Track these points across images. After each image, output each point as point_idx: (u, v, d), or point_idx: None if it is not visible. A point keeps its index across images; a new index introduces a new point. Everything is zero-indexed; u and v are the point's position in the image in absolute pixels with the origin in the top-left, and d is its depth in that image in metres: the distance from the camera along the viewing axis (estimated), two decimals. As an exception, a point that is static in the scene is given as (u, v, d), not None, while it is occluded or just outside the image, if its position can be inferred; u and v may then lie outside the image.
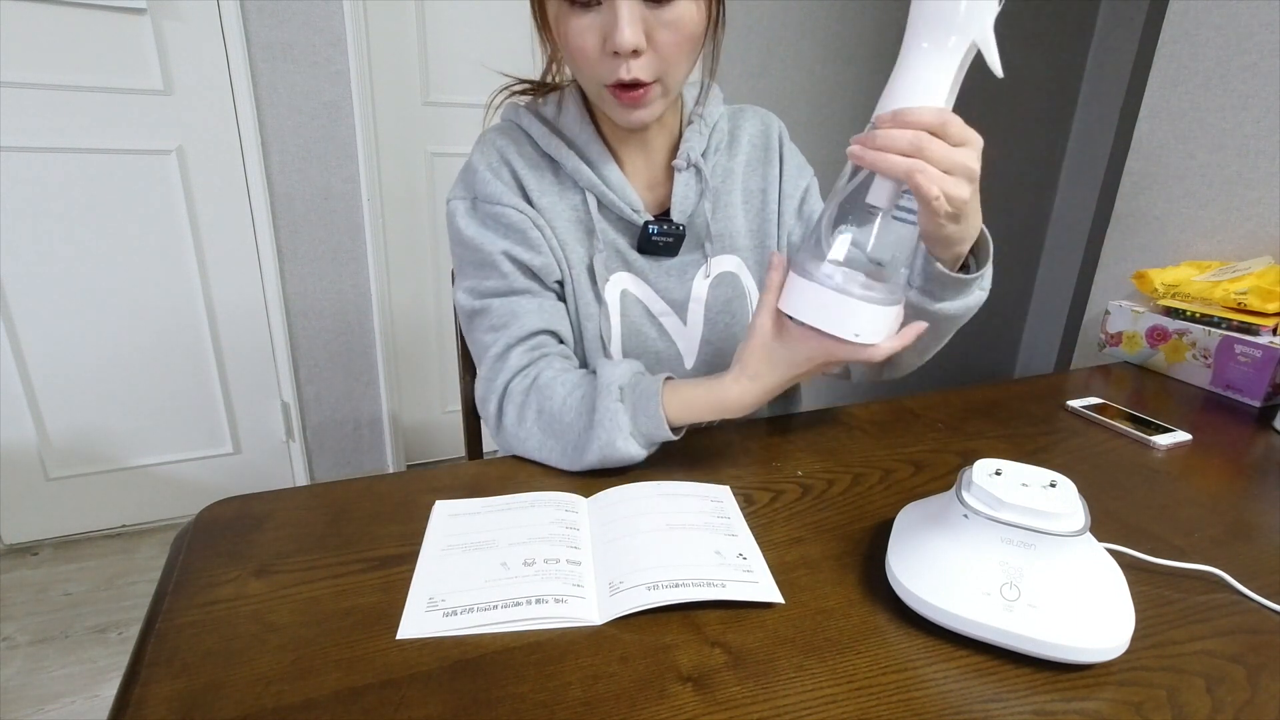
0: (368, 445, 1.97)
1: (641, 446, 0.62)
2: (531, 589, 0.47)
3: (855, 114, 2.34)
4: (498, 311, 0.69)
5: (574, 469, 0.63)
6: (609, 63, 0.60)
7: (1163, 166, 1.24)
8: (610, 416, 0.61)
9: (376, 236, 1.80)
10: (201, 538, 0.53)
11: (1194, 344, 0.97)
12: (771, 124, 0.81)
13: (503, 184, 0.70)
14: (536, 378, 0.67)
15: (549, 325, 0.70)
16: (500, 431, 0.68)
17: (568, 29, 0.60)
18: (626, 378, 0.64)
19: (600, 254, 0.71)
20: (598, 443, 0.61)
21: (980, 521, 0.45)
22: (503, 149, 0.71)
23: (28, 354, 1.57)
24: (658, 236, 0.72)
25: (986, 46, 0.47)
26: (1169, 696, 0.41)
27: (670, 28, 0.59)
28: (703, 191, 0.74)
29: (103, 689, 1.31)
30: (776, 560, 0.51)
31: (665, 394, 0.62)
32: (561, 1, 0.59)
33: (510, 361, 0.68)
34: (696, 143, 0.73)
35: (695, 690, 0.40)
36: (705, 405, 0.61)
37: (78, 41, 1.42)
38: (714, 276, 0.76)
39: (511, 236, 0.69)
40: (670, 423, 0.61)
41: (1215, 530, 0.59)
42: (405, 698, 0.39)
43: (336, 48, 1.62)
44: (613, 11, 0.57)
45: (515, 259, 0.69)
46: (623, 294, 0.73)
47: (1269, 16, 1.08)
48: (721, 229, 0.76)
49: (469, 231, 0.70)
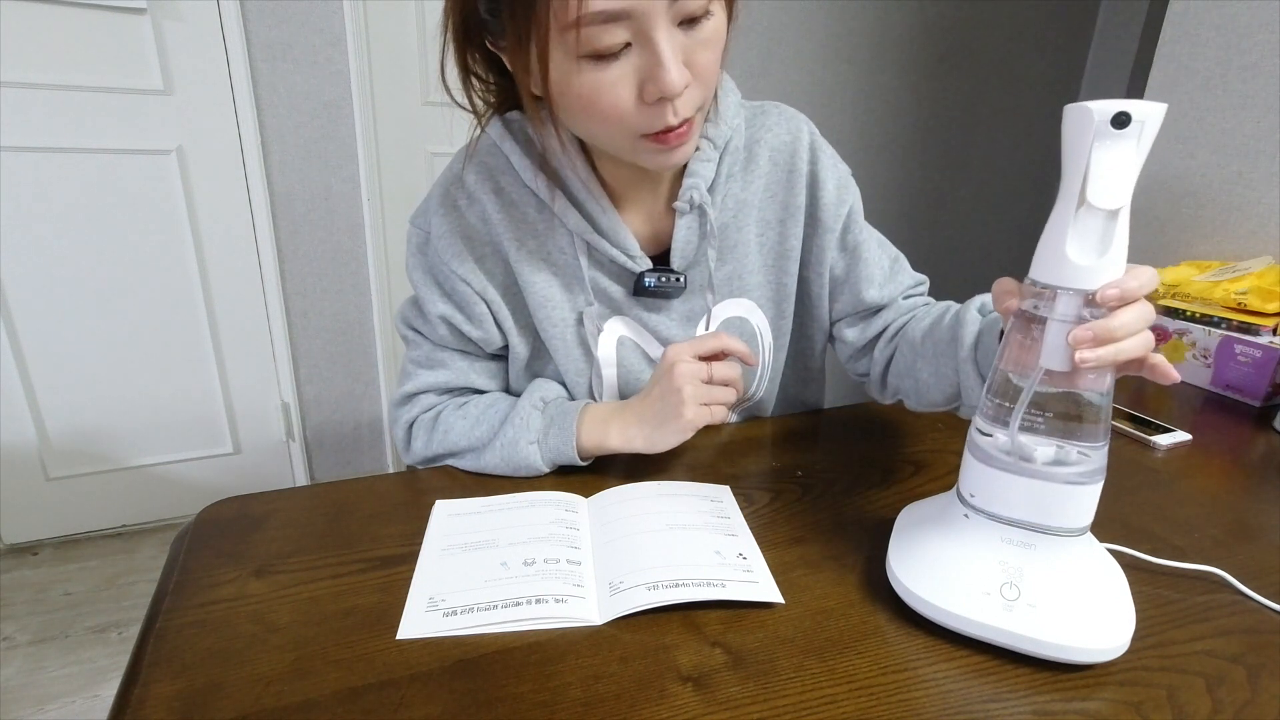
0: (368, 445, 1.97)
1: (541, 457, 0.61)
2: (531, 589, 0.47)
3: (855, 114, 2.34)
4: (427, 352, 0.69)
5: (474, 469, 0.64)
6: (650, 112, 0.51)
7: (1163, 166, 1.24)
8: (523, 418, 0.62)
9: (376, 236, 1.80)
10: (201, 538, 0.53)
11: (1194, 344, 0.97)
12: (800, 135, 0.70)
13: (461, 239, 0.63)
14: (449, 405, 0.67)
15: (473, 384, 0.69)
16: (409, 454, 0.69)
17: (589, 88, 0.50)
18: (552, 394, 0.65)
19: (590, 307, 0.66)
20: (501, 440, 0.61)
21: (981, 521, 0.44)
22: (473, 188, 0.63)
23: (28, 354, 1.57)
24: (655, 288, 0.66)
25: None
26: (1169, 696, 0.41)
27: (707, 46, 0.51)
28: (705, 234, 0.66)
29: (103, 689, 1.31)
30: (776, 560, 0.51)
31: (583, 413, 0.62)
32: (578, 60, 0.49)
33: (421, 401, 0.69)
34: (703, 175, 0.64)
35: (695, 690, 0.40)
36: (610, 409, 0.63)
37: (78, 41, 1.42)
38: (721, 323, 0.71)
39: (452, 302, 0.66)
40: (581, 440, 0.61)
41: (1215, 530, 0.59)
42: (405, 698, 0.39)
43: (336, 48, 1.62)
44: (652, 52, 0.48)
45: (452, 325, 0.66)
46: (619, 341, 0.69)
47: (1269, 16, 1.08)
48: (731, 271, 0.69)
49: (415, 274, 0.67)
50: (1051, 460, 0.42)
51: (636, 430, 0.61)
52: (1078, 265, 0.39)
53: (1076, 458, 0.42)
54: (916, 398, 0.67)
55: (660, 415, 0.61)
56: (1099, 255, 0.39)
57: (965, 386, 0.60)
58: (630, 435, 0.61)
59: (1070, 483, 0.42)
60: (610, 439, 0.62)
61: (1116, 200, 0.38)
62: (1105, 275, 0.39)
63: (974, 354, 0.58)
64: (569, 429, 0.61)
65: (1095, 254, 0.39)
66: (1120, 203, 0.38)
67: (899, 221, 2.57)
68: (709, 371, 0.61)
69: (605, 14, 0.46)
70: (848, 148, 2.33)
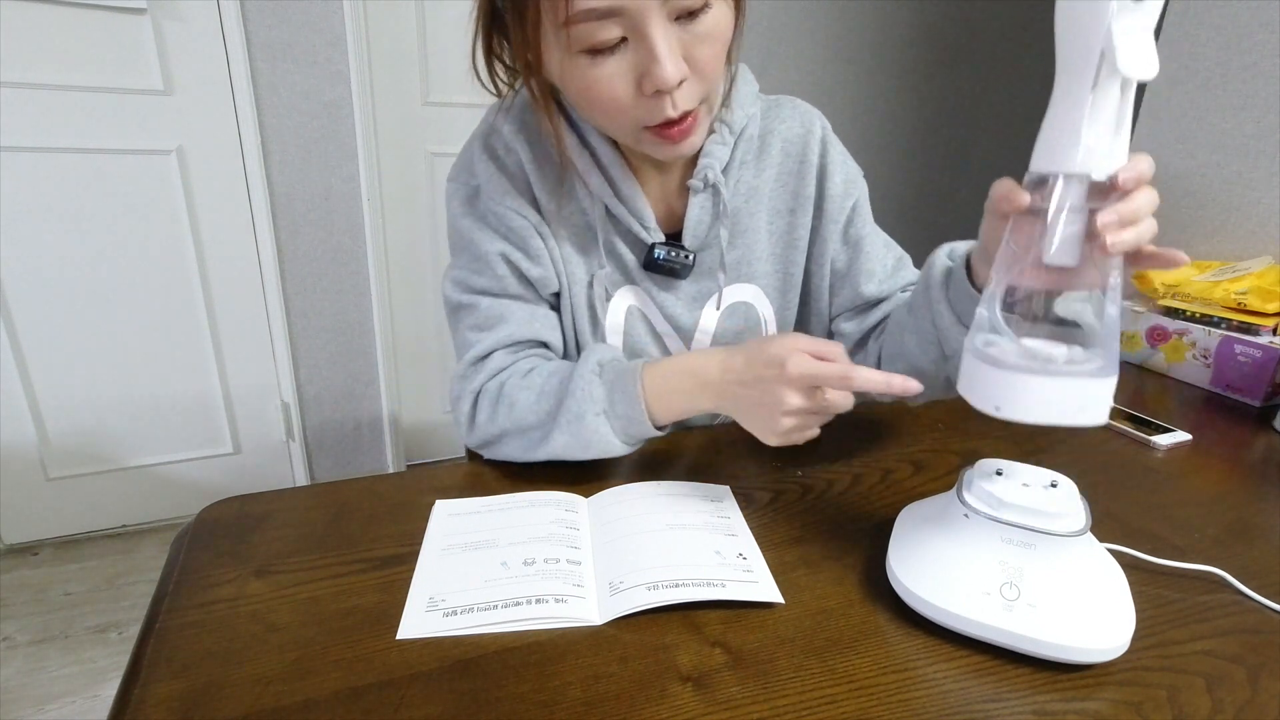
0: (368, 445, 1.97)
1: (611, 428, 0.57)
2: (531, 589, 0.47)
3: (855, 114, 2.34)
4: (485, 311, 0.65)
5: (542, 456, 0.60)
6: (648, 104, 0.52)
7: (1163, 166, 1.24)
8: (583, 388, 0.57)
9: (376, 236, 1.80)
10: (201, 538, 0.53)
11: (1194, 344, 0.97)
12: (812, 127, 0.71)
13: (507, 179, 0.64)
14: (514, 373, 0.63)
15: (539, 335, 0.66)
16: (472, 431, 0.64)
17: (589, 82, 0.51)
18: (607, 356, 0.60)
19: (603, 270, 0.66)
20: (565, 415, 0.57)
21: (981, 521, 0.45)
22: (509, 138, 0.64)
23: (28, 354, 1.57)
24: (665, 261, 0.66)
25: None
26: (1169, 696, 0.41)
27: (707, 41, 0.51)
28: (718, 214, 0.67)
29: (103, 689, 1.31)
30: (776, 560, 0.51)
31: (644, 372, 0.58)
32: (574, 55, 0.50)
33: (491, 364, 0.64)
34: (718, 156, 0.65)
35: (695, 690, 0.40)
36: (683, 372, 0.58)
37: (78, 41, 1.42)
38: (726, 307, 0.71)
39: (511, 239, 0.64)
40: (648, 396, 0.56)
41: (1215, 530, 0.59)
42: (405, 698, 0.39)
43: (336, 48, 1.62)
44: (647, 47, 0.49)
45: (512, 263, 0.64)
46: (628, 311, 0.69)
47: (1269, 16, 1.08)
48: (740, 256, 0.70)
49: (464, 223, 0.65)
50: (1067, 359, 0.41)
51: (719, 405, 0.58)
52: (1091, 149, 0.38)
53: (1085, 356, 0.41)
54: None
55: (750, 410, 0.56)
56: (1114, 135, 0.38)
57: (942, 330, 0.58)
58: (708, 408, 0.58)
59: (1094, 376, 0.40)
60: (690, 409, 0.58)
61: (1151, 67, 0.36)
62: (1116, 159, 0.38)
63: (945, 292, 0.58)
64: (633, 393, 0.57)
65: (1110, 134, 0.38)
66: (1155, 69, 0.36)
67: (899, 221, 2.57)
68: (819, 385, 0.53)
69: (596, 11, 0.47)
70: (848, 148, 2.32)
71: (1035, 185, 0.41)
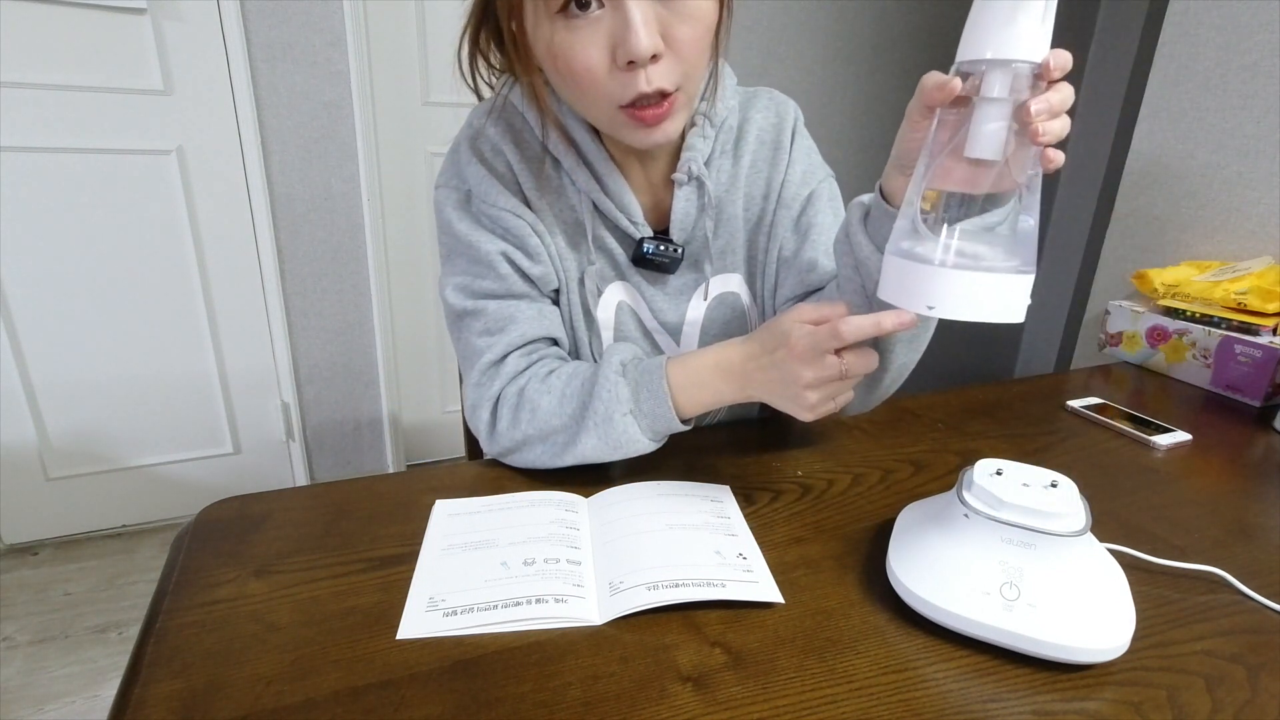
0: (368, 445, 1.97)
1: (639, 425, 0.57)
2: (531, 589, 0.47)
3: (855, 114, 2.34)
4: (493, 315, 0.64)
5: (569, 461, 0.60)
6: (622, 78, 0.52)
7: (1163, 167, 1.24)
8: (609, 390, 0.57)
9: (376, 236, 1.80)
10: (201, 538, 0.53)
11: (1194, 344, 0.97)
12: (786, 115, 0.71)
13: (498, 180, 0.63)
14: (533, 376, 0.62)
15: (548, 332, 0.66)
16: (494, 439, 0.63)
17: (563, 48, 0.51)
18: (629, 355, 0.60)
19: (593, 267, 0.66)
20: (593, 417, 0.56)
21: (981, 521, 0.45)
22: (496, 140, 0.64)
23: (28, 354, 1.57)
24: (654, 255, 0.67)
25: None
26: (1169, 696, 0.41)
27: (688, 21, 0.51)
28: (704, 206, 0.67)
29: (103, 689, 1.31)
30: (776, 560, 0.51)
31: (669, 367, 0.58)
32: (551, 18, 0.51)
33: (506, 368, 0.63)
34: (700, 149, 0.65)
35: (695, 690, 0.40)
36: (707, 365, 0.57)
37: (78, 41, 1.42)
38: (713, 298, 0.71)
39: (510, 239, 0.64)
40: (674, 391, 0.56)
41: (1215, 530, 0.59)
42: (405, 698, 0.39)
43: (336, 48, 1.62)
44: (622, 15, 0.49)
45: (514, 263, 0.64)
46: (618, 306, 0.69)
47: (1269, 16, 1.08)
48: (724, 245, 0.70)
49: (460, 227, 0.64)
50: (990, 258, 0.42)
51: (746, 394, 0.57)
52: (1021, 35, 0.38)
53: (1005, 256, 0.42)
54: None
55: (775, 392, 0.55)
56: (1040, 23, 0.38)
57: (861, 262, 0.56)
58: (735, 398, 0.58)
59: (1019, 273, 0.41)
60: (716, 401, 0.58)
61: None
62: (1043, 48, 0.39)
63: (864, 226, 0.56)
64: (659, 389, 0.57)
65: (1038, 21, 0.38)
66: None
67: (899, 221, 2.56)
68: (825, 351, 0.51)
69: None
70: (848, 148, 2.33)
71: (962, 77, 0.41)
